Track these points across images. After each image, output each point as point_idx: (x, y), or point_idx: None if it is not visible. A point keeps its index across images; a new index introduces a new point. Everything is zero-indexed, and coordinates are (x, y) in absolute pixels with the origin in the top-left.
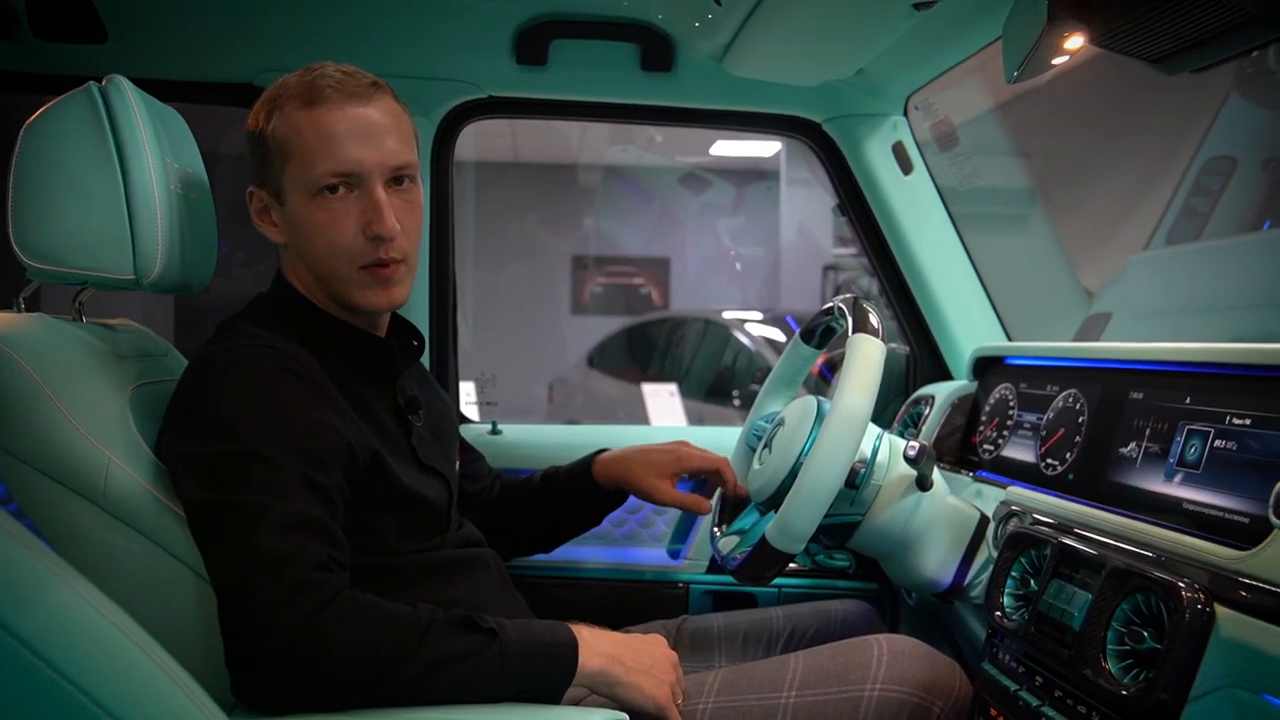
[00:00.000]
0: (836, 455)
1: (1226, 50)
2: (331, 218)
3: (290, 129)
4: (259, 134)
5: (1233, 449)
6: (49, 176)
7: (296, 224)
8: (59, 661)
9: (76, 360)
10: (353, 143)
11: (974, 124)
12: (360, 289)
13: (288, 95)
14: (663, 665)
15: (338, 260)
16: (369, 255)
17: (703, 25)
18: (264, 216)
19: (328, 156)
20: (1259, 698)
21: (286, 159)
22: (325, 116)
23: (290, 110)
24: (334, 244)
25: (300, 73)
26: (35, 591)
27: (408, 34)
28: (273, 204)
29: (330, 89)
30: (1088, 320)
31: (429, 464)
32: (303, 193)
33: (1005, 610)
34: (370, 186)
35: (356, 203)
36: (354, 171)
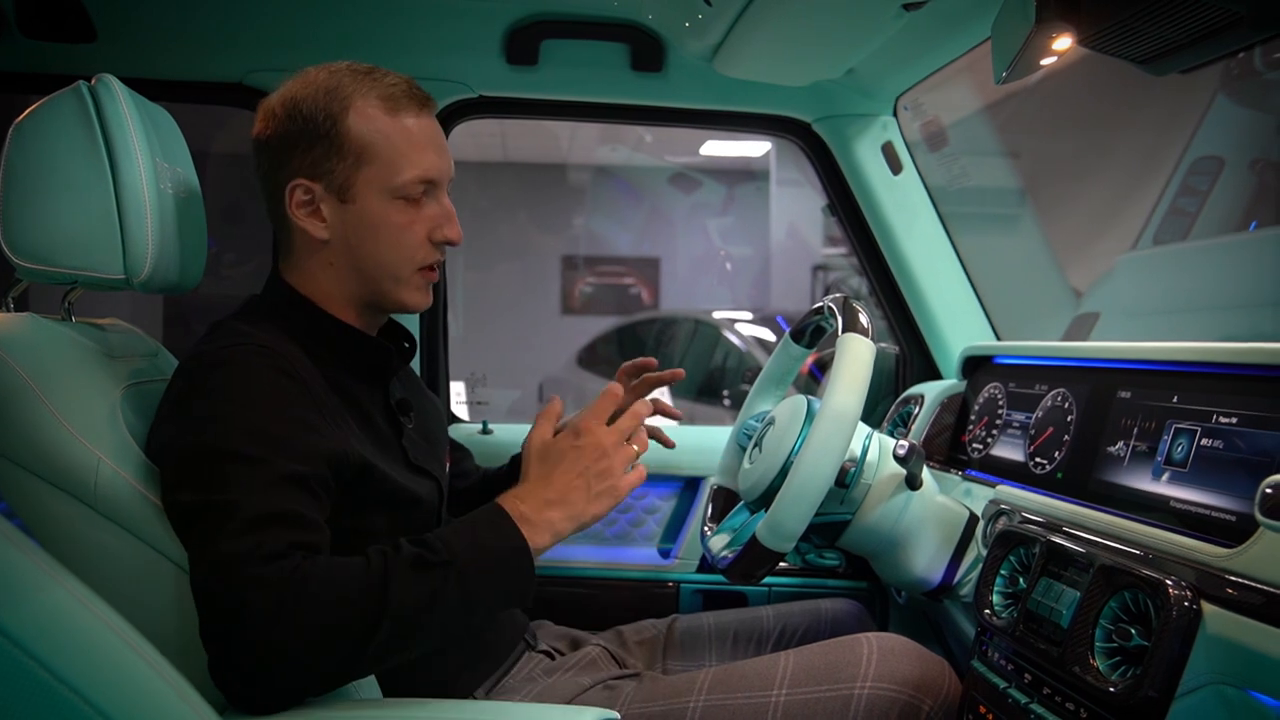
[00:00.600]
0: (826, 454)
1: (1213, 52)
2: (408, 221)
3: (373, 131)
4: (323, 129)
5: (1219, 448)
6: (38, 176)
7: (364, 223)
8: (50, 660)
9: (66, 360)
10: (433, 152)
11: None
12: (411, 290)
13: (358, 93)
14: (599, 472)
15: (401, 261)
16: (430, 258)
17: (693, 25)
18: (310, 211)
19: (416, 165)
20: (1245, 694)
21: (366, 160)
22: (412, 124)
23: (371, 111)
24: (404, 246)
25: (357, 73)
26: (26, 590)
27: (399, 34)
28: (328, 199)
29: (406, 96)
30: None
31: (419, 465)
32: (382, 195)
33: (994, 608)
34: (441, 194)
35: (429, 209)
36: (435, 179)
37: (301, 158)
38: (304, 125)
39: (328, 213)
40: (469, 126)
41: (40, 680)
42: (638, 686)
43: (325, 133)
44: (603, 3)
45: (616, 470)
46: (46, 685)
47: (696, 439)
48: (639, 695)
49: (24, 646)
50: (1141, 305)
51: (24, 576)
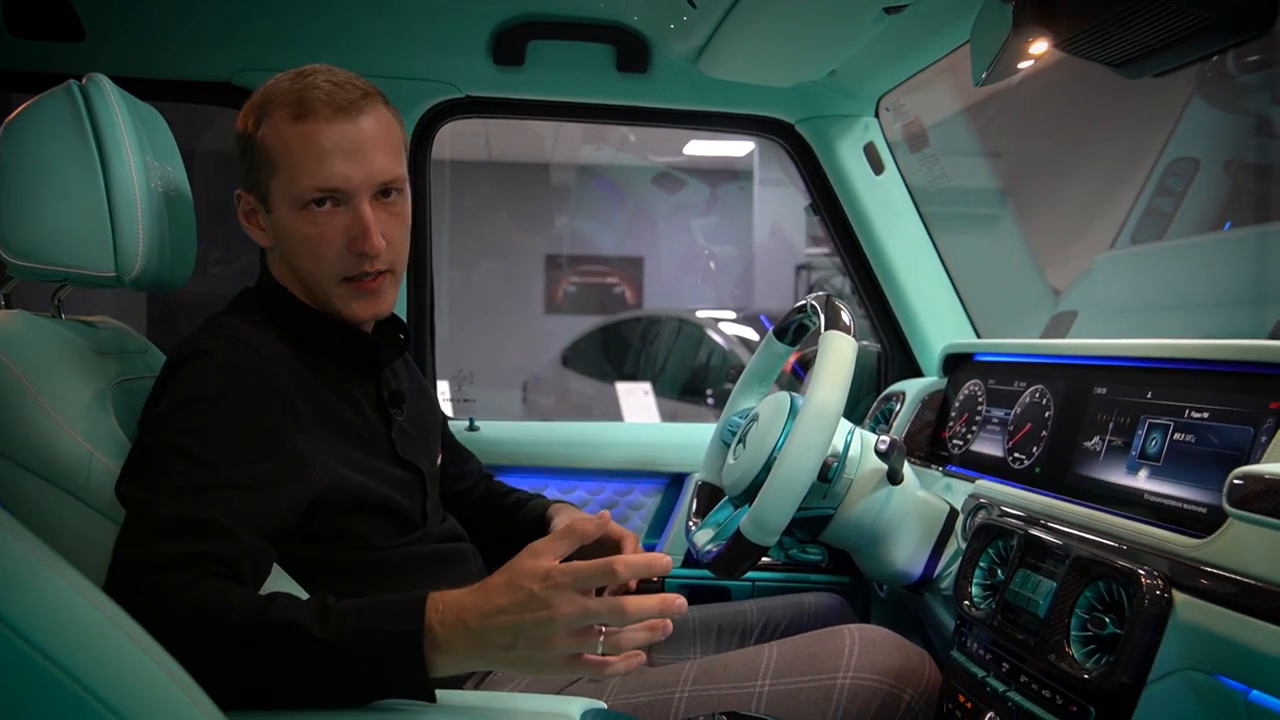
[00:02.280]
0: (809, 449)
1: (1186, 56)
2: (317, 232)
3: (278, 140)
4: (248, 138)
5: (1191, 441)
6: (30, 174)
7: (282, 234)
8: (49, 648)
9: (58, 357)
10: (340, 160)
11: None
12: (344, 301)
13: (277, 103)
14: (533, 634)
15: (322, 273)
16: (353, 268)
17: (678, 27)
18: (251, 219)
19: (314, 173)
20: (1213, 679)
21: (274, 170)
22: (313, 132)
23: (279, 120)
24: (318, 257)
25: (292, 77)
26: (25, 579)
27: (386, 34)
28: (259, 209)
29: (320, 102)
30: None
31: (405, 458)
32: (289, 205)
33: (973, 600)
34: (357, 203)
35: (342, 217)
36: (340, 188)
37: (242, 167)
38: (240, 136)
39: (263, 221)
40: (452, 125)
41: (38, 667)
42: (624, 678)
43: (249, 143)
44: (589, 4)
45: (557, 643)
46: (44, 672)
47: (681, 436)
48: (625, 686)
49: (22, 633)
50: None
51: (22, 566)
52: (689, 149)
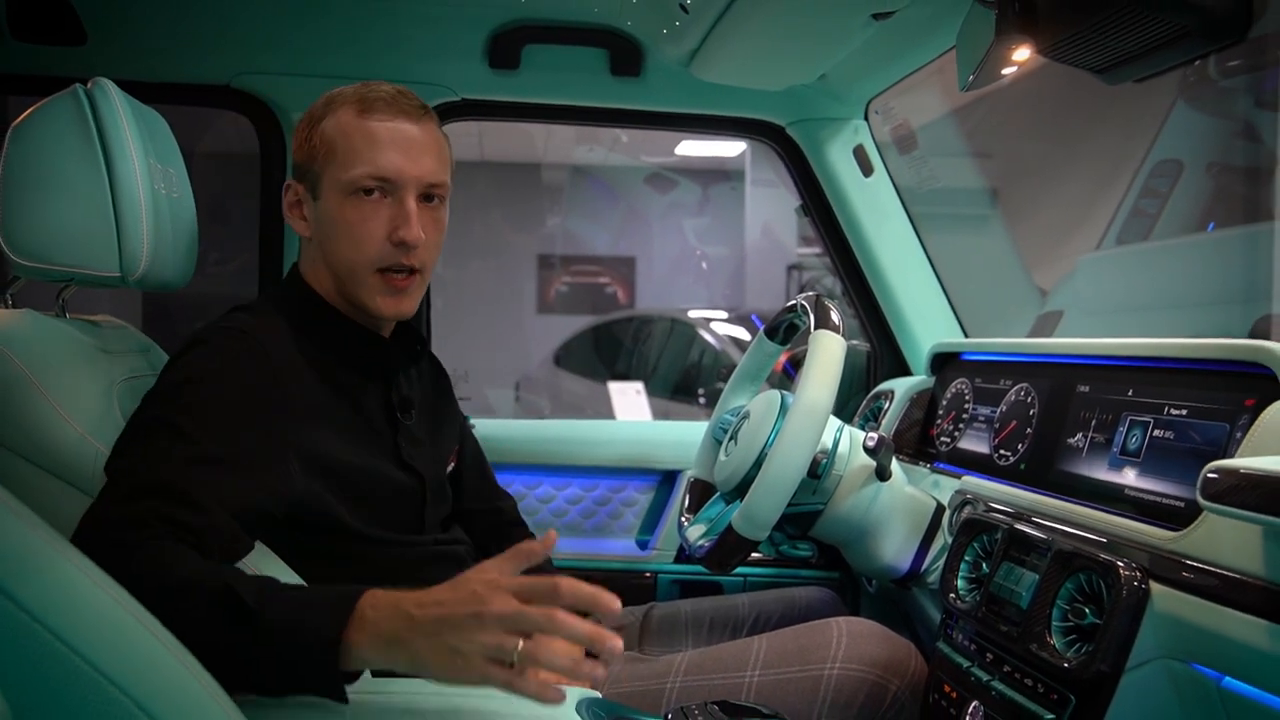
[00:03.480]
0: (799, 446)
1: (1165, 62)
2: (361, 217)
3: (339, 131)
4: (309, 131)
5: (1170, 438)
6: (37, 176)
7: (326, 220)
8: (64, 632)
9: (65, 354)
10: (394, 152)
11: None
12: (373, 293)
13: (343, 101)
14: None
15: (360, 260)
16: (389, 259)
17: (670, 32)
18: (295, 209)
19: (370, 161)
20: (1189, 667)
21: (330, 158)
22: (375, 124)
23: (343, 114)
24: (359, 244)
25: (358, 85)
26: (38, 565)
27: (384, 38)
28: (307, 199)
29: (384, 101)
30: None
31: (409, 463)
32: (339, 191)
33: (959, 593)
34: (403, 195)
35: (388, 208)
36: (391, 178)
37: (295, 163)
38: (301, 134)
39: (307, 211)
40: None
41: (54, 650)
42: (618, 669)
43: (308, 136)
44: (583, 9)
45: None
46: (60, 655)
47: (673, 434)
48: (619, 676)
49: (37, 617)
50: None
51: (35, 551)
52: (681, 149)
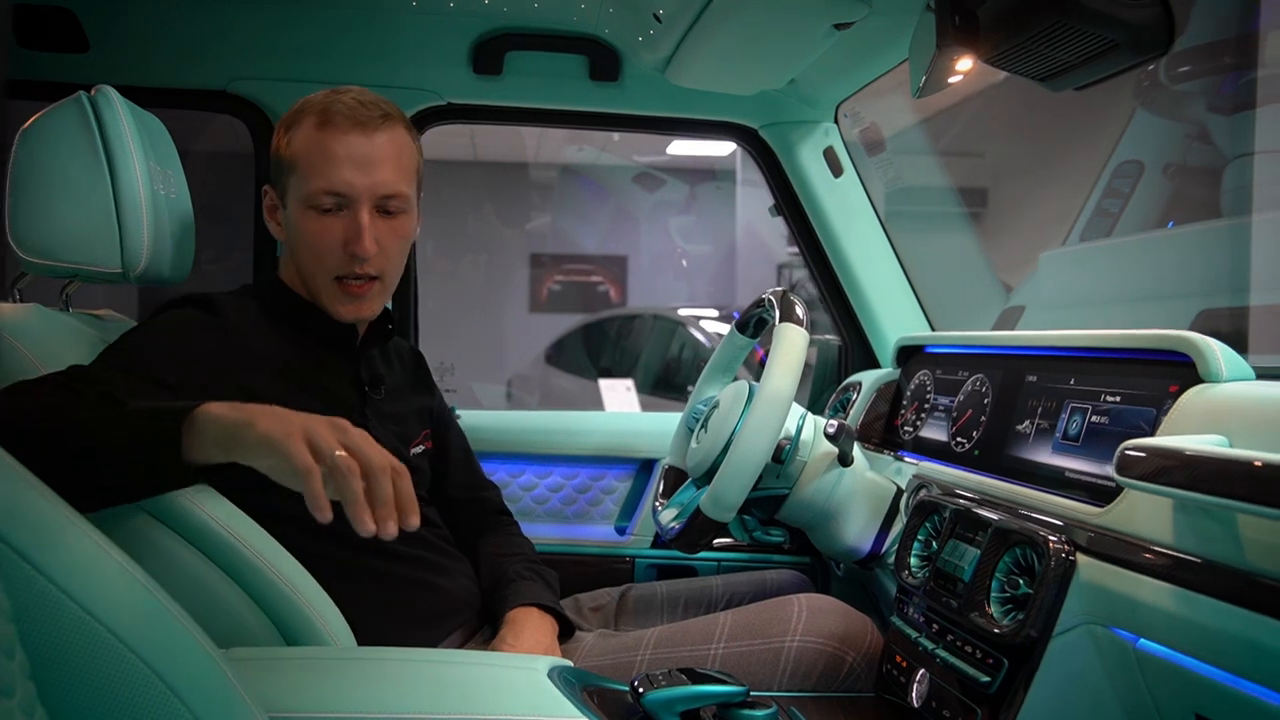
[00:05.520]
0: (763, 432)
1: (1101, 71)
2: (318, 229)
3: (301, 145)
4: (279, 142)
5: (1106, 423)
6: (43, 178)
7: (291, 229)
8: (84, 599)
9: (69, 346)
10: (347, 167)
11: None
12: (332, 299)
13: (308, 113)
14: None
15: (317, 268)
16: (344, 268)
17: (645, 39)
18: (272, 214)
19: (324, 176)
20: (1109, 631)
21: (293, 170)
22: (329, 140)
23: (305, 127)
24: (316, 254)
25: (325, 94)
26: (58, 535)
27: (372, 45)
28: (278, 205)
29: (342, 115)
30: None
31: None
32: (299, 203)
33: (911, 569)
34: (357, 209)
35: (342, 221)
36: (344, 193)
37: (271, 166)
38: (276, 139)
39: (280, 216)
40: (440, 128)
41: (75, 615)
42: (592, 643)
43: (278, 145)
44: (563, 17)
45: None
46: (80, 620)
47: (651, 424)
48: (592, 650)
49: (60, 584)
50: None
51: (55, 522)
52: (672, 149)
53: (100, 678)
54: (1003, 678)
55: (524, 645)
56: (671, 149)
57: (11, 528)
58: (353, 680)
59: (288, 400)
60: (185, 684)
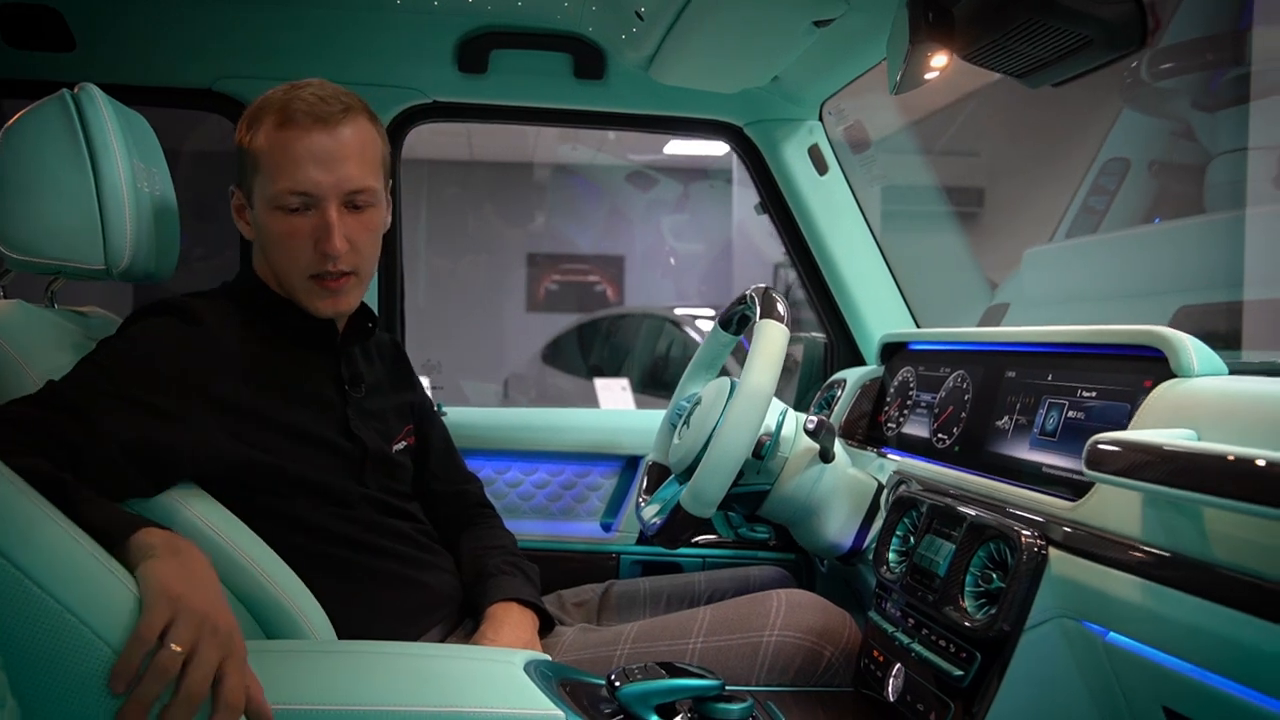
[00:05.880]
0: (742, 428)
1: (1076, 68)
2: (288, 230)
3: (262, 145)
4: (241, 141)
5: (1082, 418)
6: (27, 175)
7: (260, 229)
8: (57, 591)
9: (52, 341)
10: (312, 166)
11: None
12: (309, 296)
13: (267, 111)
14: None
15: (291, 268)
16: (317, 266)
17: (629, 37)
18: (240, 214)
19: (288, 177)
20: (1080, 624)
21: (257, 170)
22: (292, 139)
23: (267, 126)
24: (288, 254)
25: (285, 89)
26: (32, 529)
27: (358, 44)
28: (245, 205)
29: (302, 112)
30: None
31: (355, 433)
32: (266, 203)
33: (889, 565)
34: (324, 207)
35: (311, 219)
36: (310, 192)
37: (237, 165)
38: (238, 137)
39: (249, 216)
40: (436, 126)
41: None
42: (572, 637)
43: (242, 145)
44: (547, 15)
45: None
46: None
47: (636, 421)
48: (573, 644)
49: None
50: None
51: (29, 517)
52: (669, 149)
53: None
54: (975, 671)
55: (503, 640)
56: (668, 148)
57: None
58: (329, 673)
59: (267, 408)
60: None
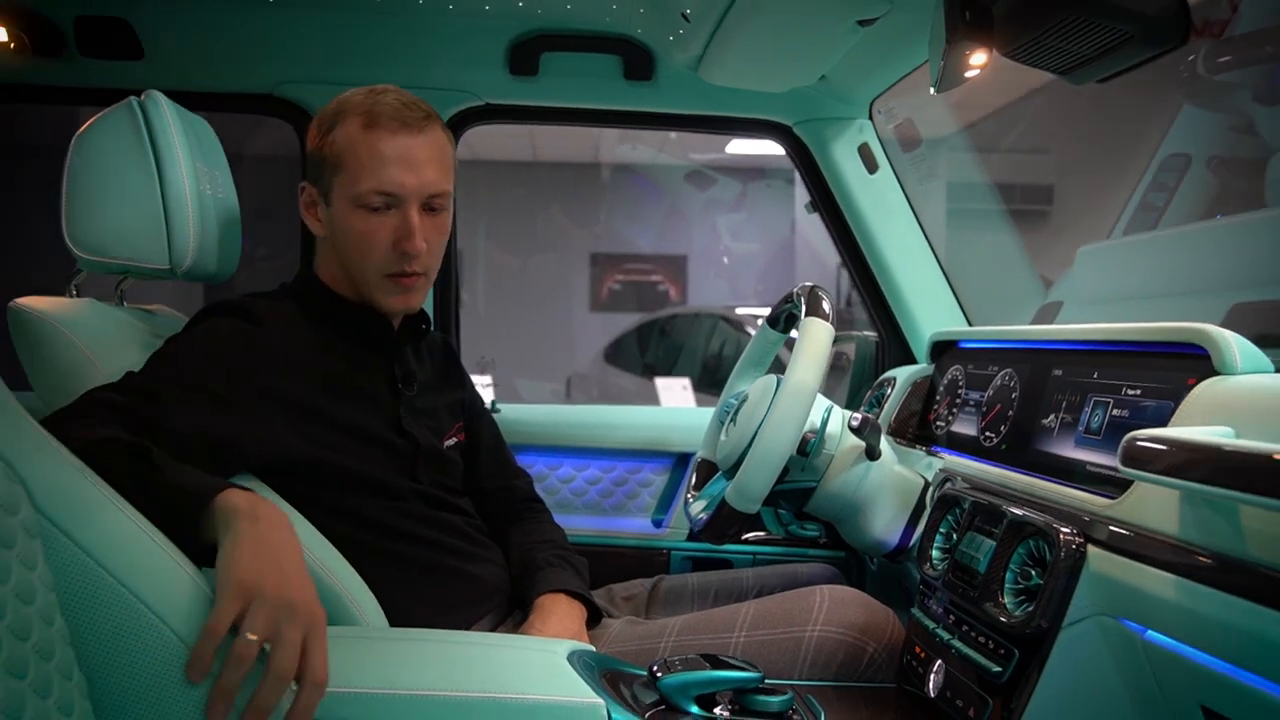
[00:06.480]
0: (786, 424)
1: (1119, 64)
2: (369, 228)
3: (347, 144)
4: (320, 139)
5: (1126, 416)
6: (96, 180)
7: (338, 226)
8: (120, 573)
9: (120, 339)
10: (398, 168)
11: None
12: (382, 293)
13: (351, 112)
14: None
15: (367, 265)
16: (394, 265)
17: (676, 39)
18: (310, 210)
19: (375, 176)
20: (1118, 622)
21: (339, 169)
22: (379, 140)
23: (351, 126)
24: (367, 251)
25: (365, 93)
26: (95, 513)
27: (413, 48)
28: (320, 202)
29: (388, 116)
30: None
31: (408, 430)
32: (348, 201)
33: (933, 562)
34: (406, 209)
35: (392, 219)
36: (395, 193)
37: (309, 163)
38: (314, 136)
39: (320, 213)
40: (498, 129)
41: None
42: (619, 629)
43: (321, 143)
44: (596, 18)
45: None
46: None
47: (687, 418)
48: (619, 636)
49: (96, 558)
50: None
51: (93, 501)
52: (731, 148)
53: (134, 647)
54: (1014, 667)
55: (550, 630)
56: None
57: (55, 505)
58: (379, 658)
59: (323, 404)
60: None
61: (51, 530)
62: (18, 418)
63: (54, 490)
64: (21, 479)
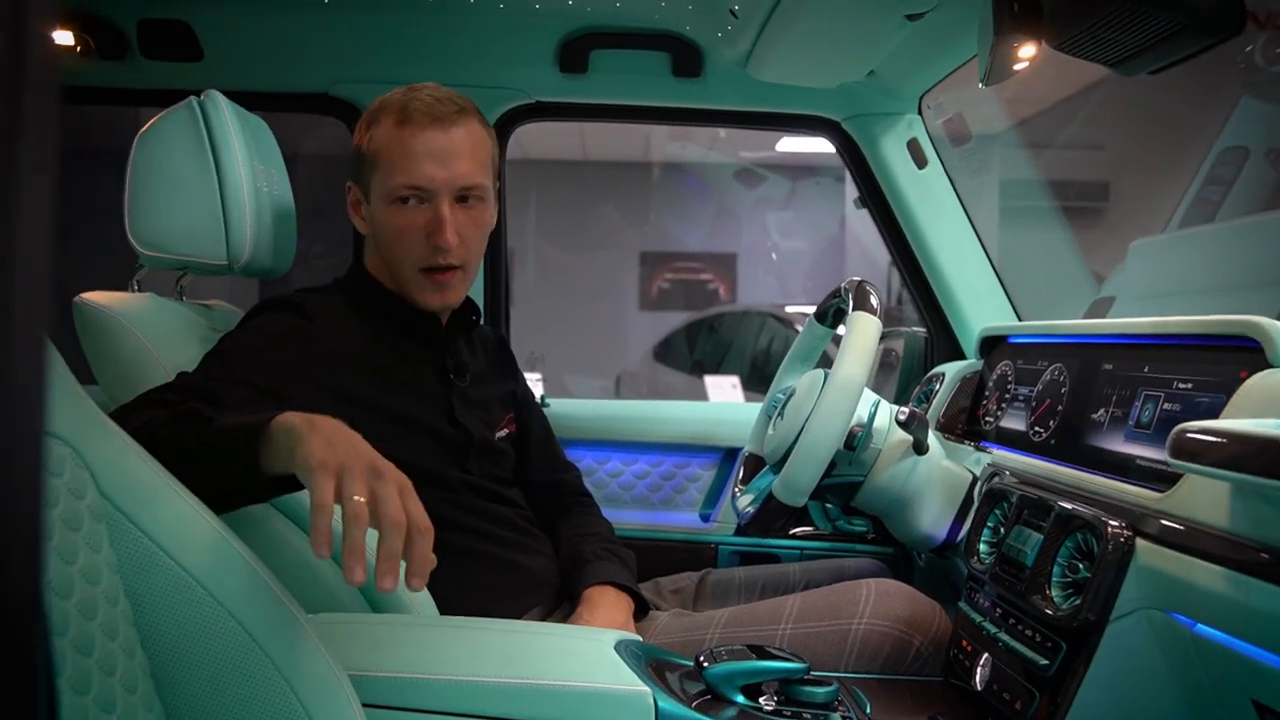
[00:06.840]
0: (833, 418)
1: (1171, 55)
2: (402, 223)
3: (381, 142)
4: (360, 140)
5: (1177, 410)
6: (157, 178)
7: (376, 223)
8: (181, 558)
9: (181, 332)
10: (428, 162)
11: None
12: (418, 288)
13: (387, 111)
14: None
15: (402, 260)
16: (428, 259)
17: (725, 35)
18: (356, 209)
19: (404, 171)
20: (1167, 616)
21: (375, 167)
22: (409, 136)
23: (385, 125)
24: (400, 246)
25: (402, 92)
26: (158, 498)
27: (464, 47)
28: (362, 200)
29: (419, 112)
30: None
31: (460, 420)
32: (382, 198)
33: (980, 556)
34: (438, 202)
35: (424, 214)
36: (425, 187)
37: (354, 163)
38: (357, 135)
39: (364, 211)
40: (548, 127)
41: (171, 571)
42: (666, 621)
43: (361, 141)
44: (645, 15)
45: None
46: (176, 575)
47: (734, 413)
48: (667, 628)
49: (159, 543)
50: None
51: (155, 487)
52: (781, 145)
53: (193, 628)
54: (1061, 661)
55: (598, 621)
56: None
57: (118, 491)
58: (427, 645)
59: (376, 397)
60: (269, 638)
61: (115, 514)
62: (85, 407)
63: (117, 476)
64: (88, 465)
